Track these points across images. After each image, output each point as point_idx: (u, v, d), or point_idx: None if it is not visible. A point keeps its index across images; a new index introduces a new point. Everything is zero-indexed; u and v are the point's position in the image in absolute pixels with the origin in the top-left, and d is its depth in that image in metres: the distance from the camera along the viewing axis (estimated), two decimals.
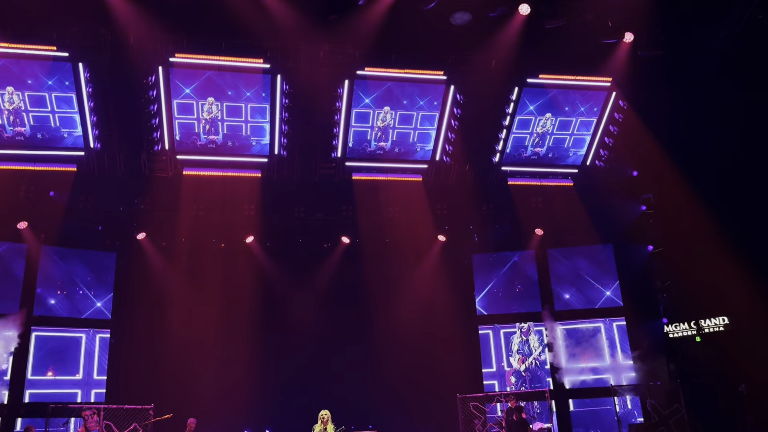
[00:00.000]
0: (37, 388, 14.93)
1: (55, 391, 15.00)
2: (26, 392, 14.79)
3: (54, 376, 14.34)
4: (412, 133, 16.12)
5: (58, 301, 15.62)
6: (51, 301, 15.53)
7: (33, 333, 15.13)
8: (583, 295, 17.15)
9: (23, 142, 14.57)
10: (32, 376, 14.98)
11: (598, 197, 16.54)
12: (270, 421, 14.72)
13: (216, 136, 15.46)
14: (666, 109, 15.54)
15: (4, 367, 14.56)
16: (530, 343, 17.04)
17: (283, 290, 16.59)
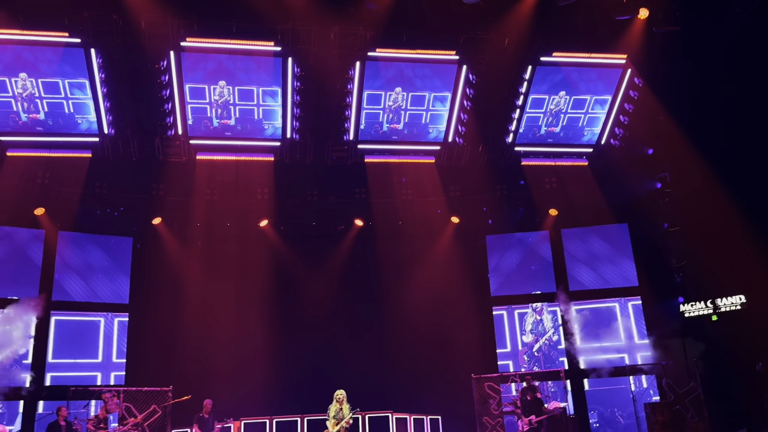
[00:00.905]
0: (57, 371, 15.16)
1: (75, 374, 15.24)
2: (47, 375, 15.04)
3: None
4: (425, 115, 16.03)
5: (76, 286, 15.80)
6: (69, 285, 15.71)
7: (52, 317, 15.35)
8: (598, 275, 17.07)
9: (38, 129, 14.68)
10: (53, 360, 15.22)
11: (613, 176, 16.39)
12: (286, 401, 14.86)
13: (228, 120, 15.47)
14: (682, 86, 15.30)
15: (23, 351, 14.79)
16: (543, 323, 17.05)
17: (298, 273, 16.70)
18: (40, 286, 15.20)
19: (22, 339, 14.78)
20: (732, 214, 13.87)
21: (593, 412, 16.16)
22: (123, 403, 13.47)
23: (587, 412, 16.05)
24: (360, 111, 15.61)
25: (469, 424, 15.03)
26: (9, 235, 15.23)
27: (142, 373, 14.99)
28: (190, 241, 16.55)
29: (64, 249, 15.74)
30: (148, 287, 16.05)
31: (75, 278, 15.82)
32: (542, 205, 17.15)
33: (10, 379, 14.51)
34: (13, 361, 14.62)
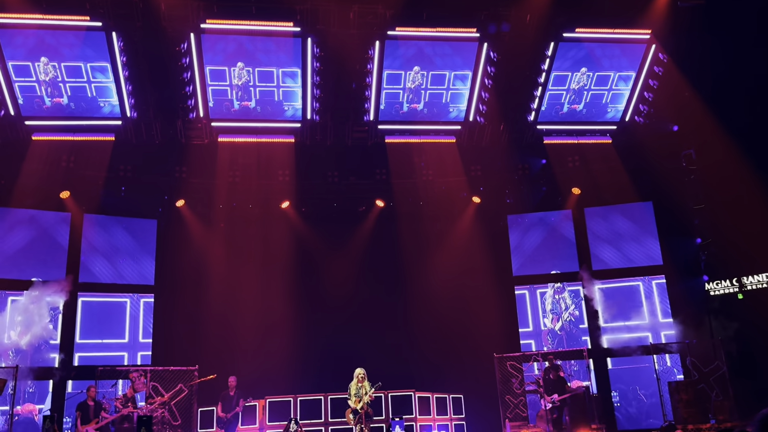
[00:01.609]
0: (85, 352, 15.46)
1: (102, 354, 15.53)
2: (75, 355, 15.34)
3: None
4: (445, 94, 15.91)
5: (102, 268, 16.04)
6: (95, 267, 15.95)
7: (79, 299, 15.62)
8: (622, 254, 16.92)
9: (62, 113, 14.83)
10: (81, 340, 15.51)
11: (637, 154, 16.18)
12: (309, 380, 15.02)
13: (249, 102, 15.50)
14: (707, 61, 15.02)
15: (52, 332, 15.08)
16: (564, 302, 16.98)
17: (320, 253, 16.79)
18: (67, 268, 15.44)
19: (50, 320, 15.09)
20: (758, 191, 13.66)
21: (616, 392, 16.12)
22: (150, 383, 13.71)
23: (610, 391, 16.02)
24: (380, 91, 15.54)
25: (491, 403, 15.09)
26: (36, 219, 15.47)
27: (168, 353, 15.24)
28: (213, 223, 16.71)
29: (90, 231, 15.96)
30: (172, 268, 16.26)
31: (101, 260, 16.05)
32: (565, 183, 16.98)
33: (40, 359, 14.84)
34: (42, 342, 14.92)
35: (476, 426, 15.36)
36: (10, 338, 14.56)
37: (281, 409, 13.54)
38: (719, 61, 14.73)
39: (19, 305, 14.71)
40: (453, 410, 14.87)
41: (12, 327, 14.66)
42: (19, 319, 14.68)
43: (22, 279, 14.67)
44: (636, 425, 15.35)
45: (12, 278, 14.75)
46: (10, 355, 14.46)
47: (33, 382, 14.60)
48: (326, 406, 13.80)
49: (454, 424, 14.75)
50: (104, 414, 12.49)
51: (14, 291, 14.63)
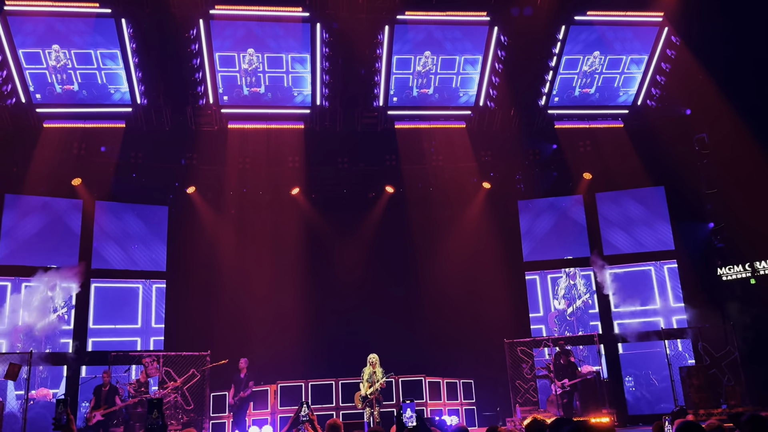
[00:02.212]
0: (99, 337, 15.61)
1: (116, 339, 15.68)
2: (89, 341, 15.50)
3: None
4: (455, 78, 15.81)
5: (114, 254, 16.15)
6: (108, 254, 16.07)
7: (92, 284, 15.75)
8: (634, 239, 16.83)
9: (73, 100, 14.87)
10: (94, 326, 15.67)
11: (649, 138, 16.02)
12: (320, 365, 15.10)
13: (258, 88, 15.48)
14: (719, 45, 14.82)
15: (65, 318, 15.26)
16: (577, 287, 16.94)
17: (330, 240, 16.82)
18: (80, 254, 15.56)
19: (64, 306, 15.25)
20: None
21: (630, 377, 16.10)
22: (162, 368, 13.85)
23: (621, 376, 16.01)
24: (389, 76, 15.47)
25: (501, 388, 15.13)
26: (48, 206, 15.57)
27: (180, 339, 15.35)
28: (224, 210, 16.76)
29: (102, 218, 16.06)
30: (184, 255, 16.35)
31: (113, 247, 16.16)
32: (576, 168, 16.87)
33: (54, 344, 15.01)
34: (55, 328, 15.08)
35: (487, 411, 15.42)
36: (24, 323, 14.73)
37: (293, 394, 13.64)
38: (732, 44, 14.52)
39: (33, 291, 14.87)
40: (463, 395, 14.94)
41: (26, 312, 14.82)
42: (33, 305, 14.85)
43: (35, 265, 14.76)
44: (648, 410, 15.34)
45: (25, 264, 14.83)
46: (20, 338, 14.62)
47: (45, 367, 14.77)
48: (337, 390, 13.88)
49: (464, 408, 14.82)
50: (118, 400, 12.64)
51: (27, 277, 14.72)
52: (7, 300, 14.69)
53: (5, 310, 14.52)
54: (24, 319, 14.72)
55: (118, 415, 12.80)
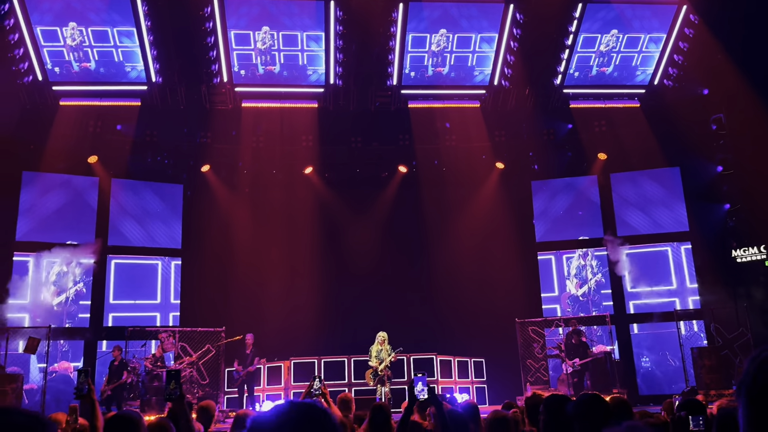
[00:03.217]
0: (119, 312, 15.88)
1: (136, 314, 15.93)
2: (110, 316, 15.76)
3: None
4: (471, 57, 15.69)
5: (130, 232, 16.34)
6: (124, 231, 16.25)
7: (112, 261, 16.00)
8: (648, 220, 16.76)
9: (89, 78, 14.96)
10: (115, 301, 15.92)
11: (665, 118, 15.86)
12: (333, 342, 15.27)
13: (273, 67, 15.47)
14: (739, 24, 14.57)
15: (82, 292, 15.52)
16: (591, 268, 16.93)
17: (343, 219, 16.89)
18: (96, 231, 15.76)
19: (81, 282, 15.49)
20: None
21: (646, 358, 16.11)
22: (178, 343, 14.07)
23: (633, 356, 16.06)
24: (403, 55, 15.39)
25: (512, 367, 15.22)
26: (65, 183, 15.74)
27: (195, 315, 15.57)
28: (238, 188, 16.87)
29: (118, 195, 16.23)
30: (199, 232, 16.51)
31: (130, 224, 16.34)
32: (591, 148, 16.78)
33: (72, 319, 15.28)
34: (74, 303, 15.34)
35: (497, 389, 15.53)
36: (45, 299, 15.00)
37: (306, 370, 13.81)
38: (751, 24, 14.28)
39: (51, 267, 15.12)
40: (474, 374, 15.04)
41: (46, 288, 15.09)
42: (52, 280, 15.10)
43: (52, 242, 14.97)
44: (659, 390, 15.38)
45: (42, 240, 15.04)
46: (42, 312, 14.90)
47: (67, 341, 15.06)
48: (349, 367, 14.04)
49: (475, 387, 14.94)
50: (125, 374, 12.88)
51: (44, 252, 14.89)
52: (29, 275, 14.94)
53: (27, 286, 14.79)
54: (45, 294, 14.99)
55: (134, 389, 13.05)
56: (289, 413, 1.51)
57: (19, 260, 14.95)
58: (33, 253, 14.91)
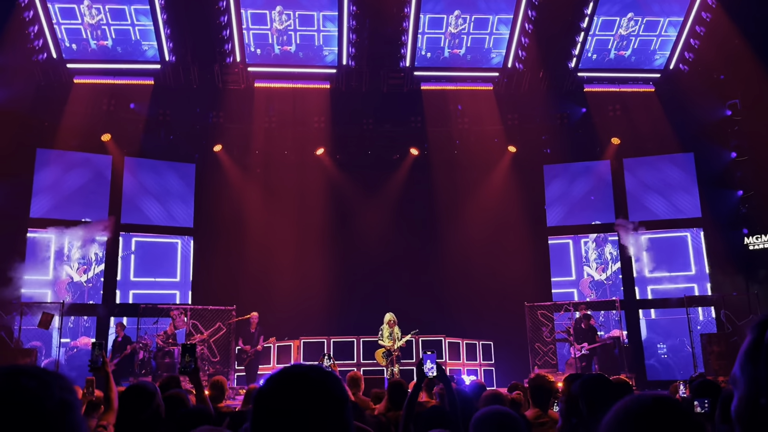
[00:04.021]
0: (139, 289, 16.13)
1: (156, 292, 16.15)
2: (130, 293, 16.05)
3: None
4: (488, 39, 15.54)
5: (143, 210, 16.45)
6: (137, 209, 16.37)
7: (133, 239, 16.26)
8: (660, 205, 16.66)
9: (103, 56, 15.00)
10: (135, 278, 16.18)
11: (680, 103, 15.71)
12: (342, 323, 15.36)
13: (290, 47, 15.41)
14: (756, 8, 14.37)
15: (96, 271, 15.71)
16: (604, 253, 16.88)
17: (354, 200, 16.92)
18: (109, 209, 15.89)
19: (93, 260, 15.67)
20: None
21: (662, 345, 16.09)
22: (190, 320, 14.22)
23: (641, 341, 16.07)
24: (416, 36, 15.30)
25: (520, 351, 15.28)
26: (79, 161, 15.84)
27: (206, 293, 15.71)
28: (249, 168, 16.91)
29: (131, 174, 16.32)
30: (211, 212, 16.60)
31: (143, 202, 16.45)
32: (604, 133, 16.64)
33: (95, 296, 15.49)
34: (90, 280, 15.54)
35: (505, 372, 15.60)
36: (68, 275, 15.23)
37: (315, 350, 13.93)
38: None
39: (74, 244, 15.29)
40: (482, 356, 15.12)
41: (65, 265, 15.29)
42: (76, 257, 15.33)
43: (66, 219, 15.11)
44: (672, 376, 15.36)
45: (56, 218, 15.17)
46: (65, 289, 15.13)
47: (90, 317, 15.31)
48: (358, 348, 14.15)
49: (483, 369, 15.03)
50: (128, 348, 13.08)
51: (59, 230, 15.03)
52: (51, 251, 15.10)
53: (49, 262, 14.99)
54: (69, 271, 15.20)
55: (145, 365, 13.23)
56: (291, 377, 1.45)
57: (40, 237, 15.08)
58: (47, 229, 15.03)
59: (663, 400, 1.38)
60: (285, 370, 1.48)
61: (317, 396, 1.41)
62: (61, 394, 0.96)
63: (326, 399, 1.40)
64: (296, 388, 1.41)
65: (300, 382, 1.42)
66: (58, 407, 0.95)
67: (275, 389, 1.43)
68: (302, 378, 1.43)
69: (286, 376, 1.45)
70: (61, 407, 0.95)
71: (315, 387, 1.42)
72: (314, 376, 1.44)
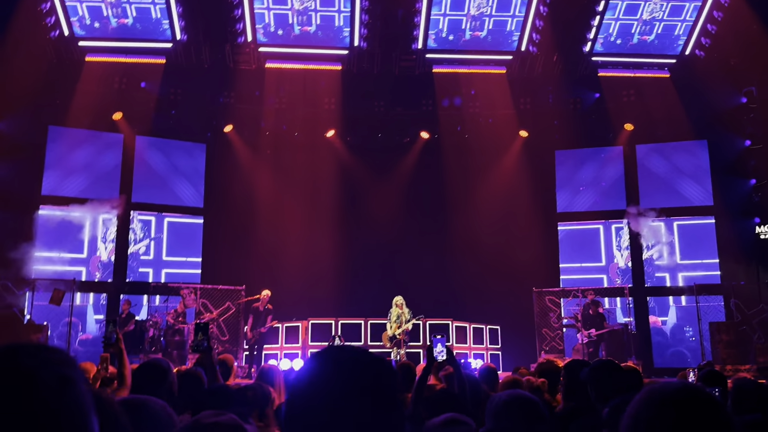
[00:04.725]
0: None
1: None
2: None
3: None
4: (510, 21, 15.34)
5: (153, 188, 16.50)
6: (146, 188, 16.42)
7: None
8: (672, 193, 16.56)
9: (117, 35, 14.95)
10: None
11: (695, 90, 15.50)
12: (350, 305, 15.41)
13: (309, 27, 15.30)
14: None
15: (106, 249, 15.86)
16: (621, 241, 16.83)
17: (364, 183, 16.91)
18: (120, 188, 15.95)
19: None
20: None
21: (689, 327, 16.03)
22: (200, 300, 14.32)
23: (649, 329, 16.05)
24: (429, 18, 15.14)
25: (528, 336, 15.31)
26: (90, 138, 15.87)
27: (216, 273, 15.78)
28: (260, 149, 16.90)
29: (141, 153, 16.36)
30: (221, 192, 16.63)
31: (153, 181, 16.49)
32: (618, 118, 16.49)
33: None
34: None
35: (512, 356, 15.65)
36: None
37: (323, 331, 14.00)
38: None
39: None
40: (489, 340, 15.15)
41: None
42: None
43: (78, 197, 15.17)
44: (683, 364, 15.33)
45: (66, 195, 15.23)
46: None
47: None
48: (366, 330, 14.20)
49: (489, 353, 15.07)
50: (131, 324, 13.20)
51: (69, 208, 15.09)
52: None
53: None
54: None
55: (155, 342, 13.34)
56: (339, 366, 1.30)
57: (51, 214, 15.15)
58: (52, 206, 15.10)
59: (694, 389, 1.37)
60: (332, 351, 1.35)
61: (375, 380, 1.29)
62: (60, 369, 0.95)
63: (385, 384, 1.29)
64: (353, 372, 1.28)
65: (356, 365, 1.30)
66: (57, 382, 0.94)
67: (329, 372, 1.28)
68: (358, 361, 1.31)
69: (339, 357, 1.32)
70: (60, 382, 0.94)
71: (374, 370, 1.30)
72: (369, 360, 1.33)
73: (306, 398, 1.26)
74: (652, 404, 1.33)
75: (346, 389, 1.25)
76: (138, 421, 1.62)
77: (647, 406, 1.33)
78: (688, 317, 16.08)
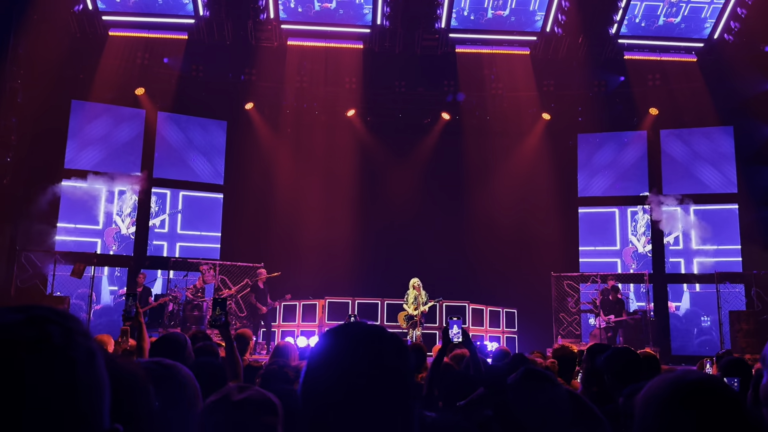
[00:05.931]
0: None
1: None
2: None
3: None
4: (534, 1, 15.13)
5: (174, 165, 16.60)
6: (168, 164, 16.53)
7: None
8: (696, 179, 16.31)
9: (139, 9, 14.97)
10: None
11: (723, 75, 15.19)
12: (367, 284, 15.45)
13: (330, 4, 15.19)
14: None
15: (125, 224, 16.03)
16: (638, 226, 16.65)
17: (383, 164, 16.86)
18: (142, 163, 16.07)
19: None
20: None
21: (707, 316, 15.90)
22: (218, 276, 14.45)
23: (668, 315, 15.92)
24: None
25: (545, 320, 15.27)
26: (113, 113, 15.95)
27: (235, 250, 15.90)
28: (280, 128, 16.91)
29: (163, 128, 16.43)
30: (241, 169, 16.68)
31: (174, 157, 16.58)
32: (642, 103, 16.22)
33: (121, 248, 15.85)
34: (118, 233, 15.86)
35: (528, 340, 15.63)
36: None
37: (340, 310, 14.08)
38: None
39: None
40: (506, 323, 15.14)
41: (119, 217, 15.77)
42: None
43: (100, 171, 15.30)
44: (701, 351, 15.21)
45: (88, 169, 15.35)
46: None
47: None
48: (382, 310, 14.26)
49: (506, 336, 15.07)
50: (150, 299, 13.34)
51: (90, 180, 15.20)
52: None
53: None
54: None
55: (174, 317, 13.51)
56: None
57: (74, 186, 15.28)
58: (80, 179, 15.22)
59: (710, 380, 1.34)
60: (348, 326, 1.33)
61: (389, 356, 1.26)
62: (85, 342, 0.90)
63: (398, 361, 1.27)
64: (368, 347, 1.25)
65: (372, 340, 1.27)
66: (85, 356, 0.89)
67: (344, 347, 1.26)
68: (374, 336, 1.28)
69: (354, 332, 1.30)
70: (87, 356, 0.89)
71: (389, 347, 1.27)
72: (389, 335, 1.30)
73: (321, 374, 1.24)
74: (664, 393, 1.32)
75: (362, 364, 1.23)
76: (167, 389, 1.60)
77: (659, 395, 1.32)
78: (702, 303, 15.91)
